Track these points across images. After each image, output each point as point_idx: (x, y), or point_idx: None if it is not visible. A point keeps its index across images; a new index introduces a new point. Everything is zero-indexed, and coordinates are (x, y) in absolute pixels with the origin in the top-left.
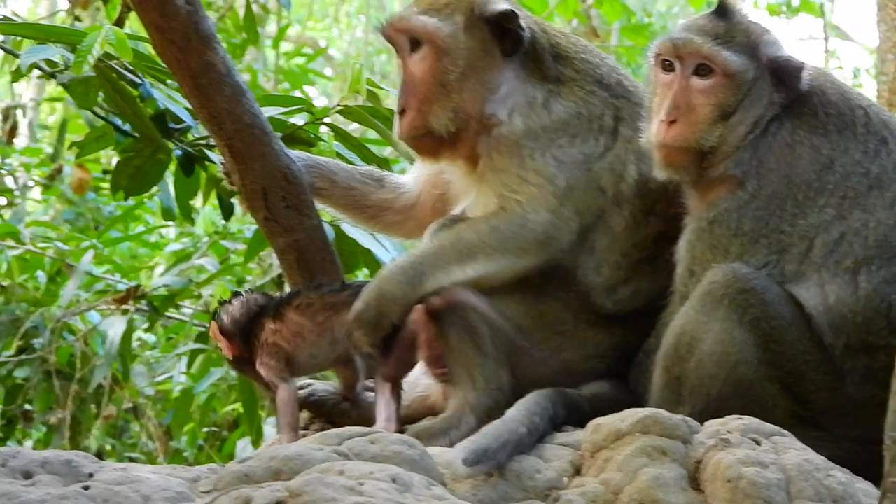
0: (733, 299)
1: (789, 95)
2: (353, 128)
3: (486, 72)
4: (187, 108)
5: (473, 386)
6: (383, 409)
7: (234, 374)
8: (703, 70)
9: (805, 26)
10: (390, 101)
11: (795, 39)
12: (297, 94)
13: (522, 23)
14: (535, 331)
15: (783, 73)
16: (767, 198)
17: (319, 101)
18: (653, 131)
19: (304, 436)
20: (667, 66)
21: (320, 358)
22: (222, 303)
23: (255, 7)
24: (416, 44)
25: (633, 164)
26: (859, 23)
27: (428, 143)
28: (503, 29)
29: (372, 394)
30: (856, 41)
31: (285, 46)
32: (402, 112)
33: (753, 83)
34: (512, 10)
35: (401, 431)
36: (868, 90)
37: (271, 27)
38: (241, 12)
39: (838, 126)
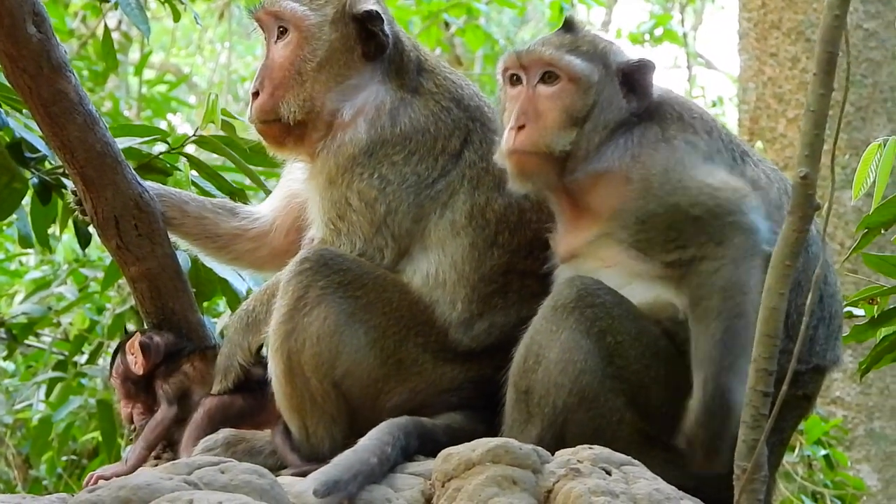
0: (583, 312)
1: (641, 102)
2: (213, 157)
3: (343, 68)
4: (43, 137)
5: (306, 438)
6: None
7: (93, 402)
8: (548, 77)
9: (668, 55)
10: (247, 132)
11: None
12: (161, 122)
13: (387, 28)
14: (391, 377)
15: (635, 77)
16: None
17: (183, 129)
18: (503, 142)
19: (156, 464)
20: (514, 80)
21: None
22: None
23: (116, 34)
24: (283, 30)
25: (465, 193)
26: (722, 52)
27: (275, 129)
28: (368, 30)
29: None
30: (718, 70)
31: (148, 74)
32: (255, 95)
33: (601, 88)
34: (378, 13)
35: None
36: (730, 118)
37: (135, 54)
38: None
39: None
